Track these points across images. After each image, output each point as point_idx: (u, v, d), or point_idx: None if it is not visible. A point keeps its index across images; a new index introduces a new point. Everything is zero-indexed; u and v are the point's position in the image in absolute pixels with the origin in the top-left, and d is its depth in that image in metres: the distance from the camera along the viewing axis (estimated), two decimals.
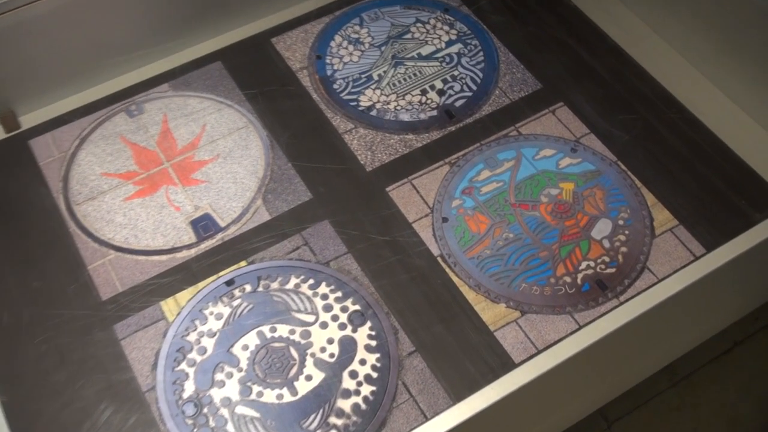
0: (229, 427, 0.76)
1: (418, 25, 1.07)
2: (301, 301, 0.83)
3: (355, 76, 1.02)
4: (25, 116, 0.99)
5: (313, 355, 0.80)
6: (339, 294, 0.84)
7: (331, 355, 0.80)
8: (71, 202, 0.91)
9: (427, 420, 0.77)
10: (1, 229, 0.88)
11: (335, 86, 1.01)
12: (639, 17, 1.09)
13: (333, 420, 0.77)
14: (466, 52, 1.05)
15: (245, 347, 0.81)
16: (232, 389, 0.78)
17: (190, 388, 0.79)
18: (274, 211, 0.90)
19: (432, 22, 1.07)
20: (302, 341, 0.81)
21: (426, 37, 1.06)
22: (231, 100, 1.00)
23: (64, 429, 0.76)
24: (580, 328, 0.81)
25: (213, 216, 0.90)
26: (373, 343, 0.81)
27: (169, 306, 0.84)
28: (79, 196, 0.91)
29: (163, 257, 0.87)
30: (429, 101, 1.00)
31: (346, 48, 1.05)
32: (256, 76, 1.02)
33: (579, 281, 0.85)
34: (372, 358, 0.80)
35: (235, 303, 0.83)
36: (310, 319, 0.82)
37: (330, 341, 0.81)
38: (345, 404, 0.78)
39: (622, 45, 1.05)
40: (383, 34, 1.06)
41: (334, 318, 0.82)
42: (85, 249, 0.87)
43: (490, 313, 0.83)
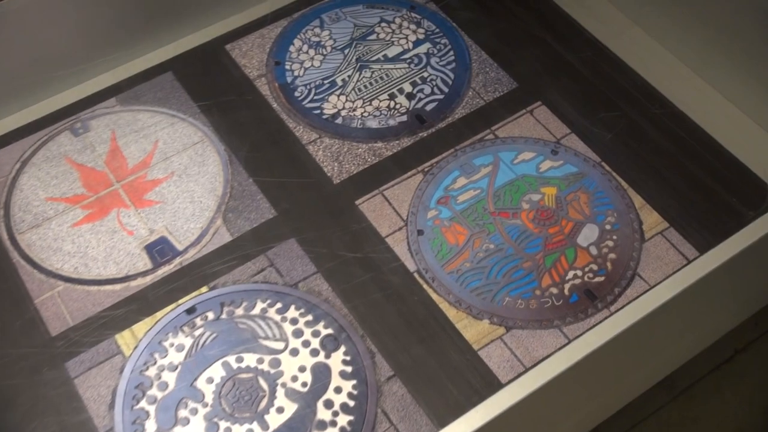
0: None
1: (383, 25, 1.08)
2: (269, 327, 0.83)
3: (317, 82, 1.03)
4: None
5: (284, 386, 0.80)
6: (309, 317, 0.84)
7: (304, 384, 0.80)
8: (14, 230, 0.90)
9: None
10: None
11: (296, 94, 1.01)
12: (617, 8, 1.11)
13: None
14: (436, 51, 1.06)
15: (210, 380, 0.80)
16: (197, 427, 0.78)
17: (151, 428, 0.78)
18: (236, 231, 0.90)
19: (398, 21, 1.08)
20: (272, 371, 0.81)
21: (392, 38, 1.07)
22: (184, 113, 1.00)
23: None
24: (570, 342, 0.82)
25: (169, 239, 0.90)
26: (349, 369, 0.81)
27: (125, 339, 0.83)
28: (23, 224, 0.91)
29: (117, 286, 0.87)
30: (398, 106, 1.00)
31: (307, 52, 1.06)
32: (210, 86, 1.02)
33: (566, 292, 0.86)
34: (348, 386, 0.80)
35: (197, 332, 0.83)
36: (280, 346, 0.82)
37: (302, 369, 0.81)
38: None
39: (600, 38, 1.06)
40: (346, 36, 1.07)
41: (306, 344, 0.82)
42: (30, 281, 0.87)
43: (473, 330, 0.83)
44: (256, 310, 0.84)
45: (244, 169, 0.95)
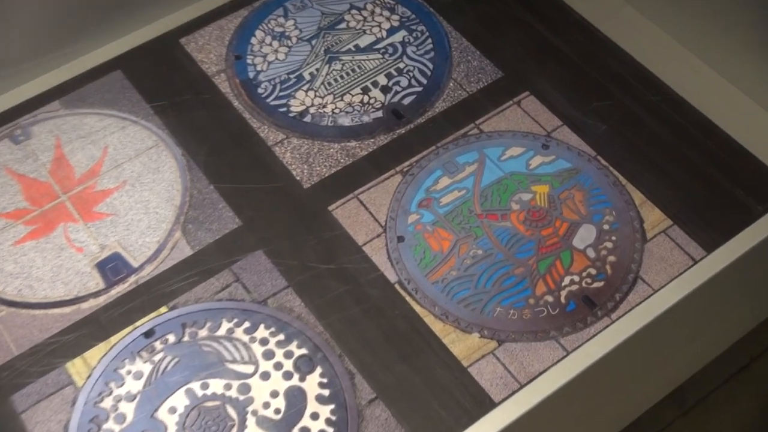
0: None
1: (353, 12, 1.08)
2: (237, 350, 0.83)
3: (282, 77, 1.02)
4: None
5: (254, 413, 0.80)
6: (281, 337, 0.84)
7: (277, 411, 0.80)
8: None
9: None
10: None
11: (260, 90, 1.01)
12: None
13: None
14: (412, 40, 1.06)
15: (173, 410, 0.80)
16: None
17: None
18: (197, 244, 0.90)
19: (369, 7, 1.09)
20: (241, 397, 0.80)
21: (363, 26, 1.07)
22: (136, 116, 0.99)
23: None
24: (568, 355, 0.82)
25: (123, 255, 0.89)
26: (326, 393, 0.81)
27: (76, 368, 0.83)
28: None
29: (66, 309, 0.86)
30: (372, 101, 1.00)
31: (270, 44, 1.05)
32: (164, 84, 1.02)
33: (563, 300, 0.86)
34: (326, 411, 0.80)
35: (157, 357, 0.83)
36: (249, 369, 0.82)
37: (274, 394, 0.81)
38: None
39: (591, 20, 1.07)
40: (313, 26, 1.07)
41: (278, 366, 0.82)
42: None
43: (462, 345, 0.83)
44: (222, 331, 0.84)
45: (203, 175, 0.94)
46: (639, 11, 1.09)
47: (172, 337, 0.84)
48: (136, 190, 0.94)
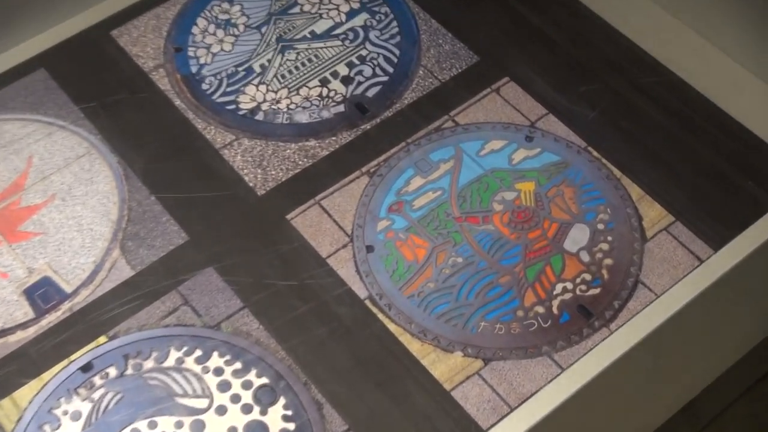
0: None
1: None
2: (188, 382, 0.83)
3: (230, 71, 1.02)
4: None
5: None
6: (238, 365, 0.83)
7: None
8: None
9: None
10: None
11: (204, 86, 1.01)
12: None
13: None
14: (375, 23, 1.06)
15: None
16: None
17: None
18: (139, 263, 0.89)
19: None
20: None
21: (319, 10, 1.07)
22: (64, 120, 0.99)
23: None
24: (563, 372, 0.83)
25: (54, 279, 0.89)
26: (291, 426, 0.81)
27: (4, 410, 0.82)
28: None
29: None
30: (332, 94, 1.00)
31: (214, 34, 1.05)
32: (94, 83, 1.01)
33: (555, 310, 0.86)
34: None
35: (97, 395, 0.82)
36: (202, 404, 0.82)
37: (232, 431, 0.81)
38: None
39: None
40: (262, 11, 1.07)
41: (235, 398, 0.82)
42: None
43: (443, 366, 0.83)
44: (170, 361, 0.83)
45: (143, 184, 0.94)
46: None
47: (113, 371, 0.83)
48: (67, 205, 0.93)
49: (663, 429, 1.11)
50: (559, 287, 0.87)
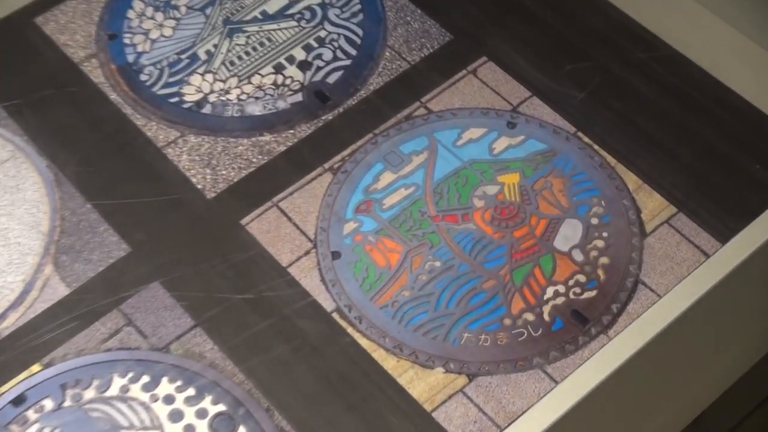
0: None
1: None
2: (134, 412, 0.82)
3: (171, 59, 1.02)
4: None
5: None
6: (191, 392, 0.83)
7: None
8: None
9: None
10: None
11: (143, 77, 1.01)
12: None
13: None
14: (334, 0, 1.06)
15: None
16: None
17: None
18: (74, 280, 0.89)
19: None
20: None
21: None
22: None
23: None
24: (558, 385, 0.83)
25: None
26: None
27: None
28: None
29: None
30: (288, 81, 1.00)
31: (153, 18, 1.05)
32: (17, 78, 1.01)
33: (546, 317, 0.86)
34: None
35: (32, 430, 0.81)
36: None
37: None
38: None
39: None
40: None
41: (189, 429, 0.81)
42: None
43: (423, 384, 0.83)
44: (114, 390, 0.83)
45: (77, 190, 0.94)
46: None
47: (49, 403, 0.83)
48: None
49: None
50: (550, 291, 0.87)
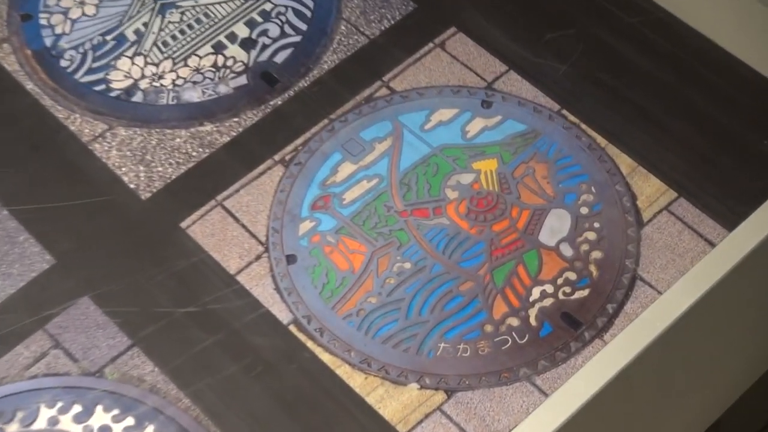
0: None
1: None
2: None
3: (96, 41, 1.02)
4: None
5: None
6: (130, 421, 0.83)
7: None
8: None
9: None
10: None
11: (63, 63, 1.00)
12: None
13: None
14: None
15: None
16: None
17: None
18: None
19: None
20: None
21: None
22: None
23: None
24: (548, 398, 0.83)
25: None
26: None
27: None
28: None
29: None
30: (230, 63, 1.00)
31: None
32: None
33: (533, 321, 0.86)
34: None
35: None
36: None
37: None
38: None
39: None
40: None
41: None
42: None
43: (395, 404, 0.83)
44: (41, 422, 0.83)
45: None
46: None
47: None
48: None
49: None
50: (537, 291, 0.88)
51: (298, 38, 1.01)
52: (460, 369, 0.84)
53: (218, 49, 1.01)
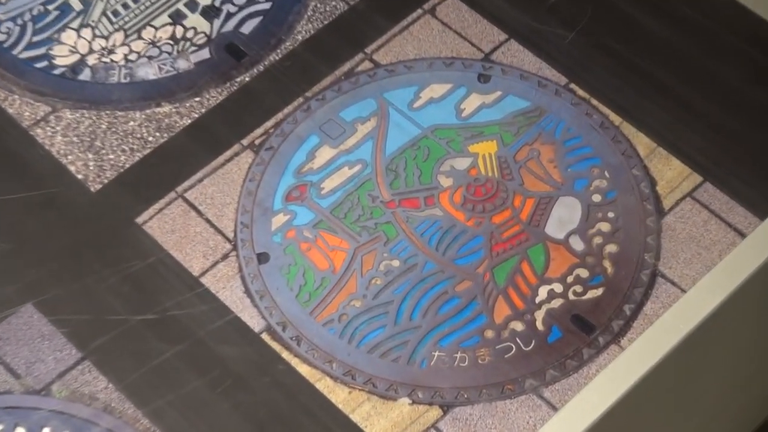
0: None
1: None
2: None
3: (36, 11, 1.01)
4: None
5: None
6: None
7: None
8: None
9: None
10: None
11: (0, 37, 1.00)
12: None
13: None
14: None
15: None
16: None
17: None
18: None
19: None
20: None
21: None
22: None
23: None
24: (557, 414, 0.82)
25: None
26: None
27: None
28: None
29: None
30: (190, 34, 1.00)
31: None
32: None
33: (540, 325, 0.86)
34: None
35: None
36: None
37: None
38: None
39: None
40: None
41: None
42: None
43: (384, 421, 0.83)
44: None
45: None
46: None
47: None
48: None
49: None
50: (544, 291, 0.87)
51: (267, 5, 1.01)
52: (457, 381, 0.84)
53: (176, 18, 1.01)
